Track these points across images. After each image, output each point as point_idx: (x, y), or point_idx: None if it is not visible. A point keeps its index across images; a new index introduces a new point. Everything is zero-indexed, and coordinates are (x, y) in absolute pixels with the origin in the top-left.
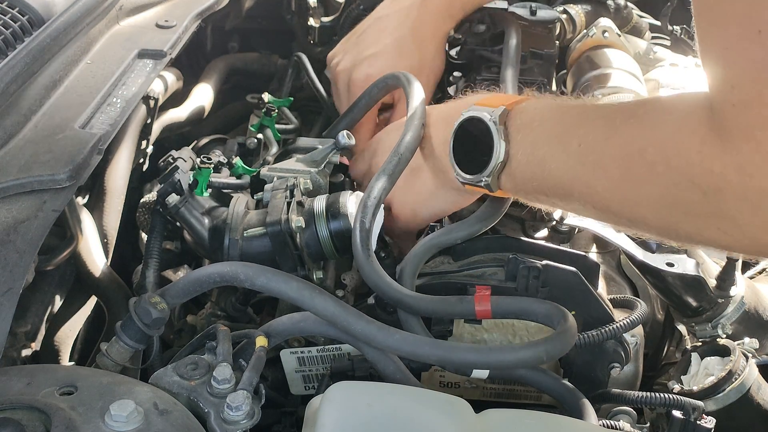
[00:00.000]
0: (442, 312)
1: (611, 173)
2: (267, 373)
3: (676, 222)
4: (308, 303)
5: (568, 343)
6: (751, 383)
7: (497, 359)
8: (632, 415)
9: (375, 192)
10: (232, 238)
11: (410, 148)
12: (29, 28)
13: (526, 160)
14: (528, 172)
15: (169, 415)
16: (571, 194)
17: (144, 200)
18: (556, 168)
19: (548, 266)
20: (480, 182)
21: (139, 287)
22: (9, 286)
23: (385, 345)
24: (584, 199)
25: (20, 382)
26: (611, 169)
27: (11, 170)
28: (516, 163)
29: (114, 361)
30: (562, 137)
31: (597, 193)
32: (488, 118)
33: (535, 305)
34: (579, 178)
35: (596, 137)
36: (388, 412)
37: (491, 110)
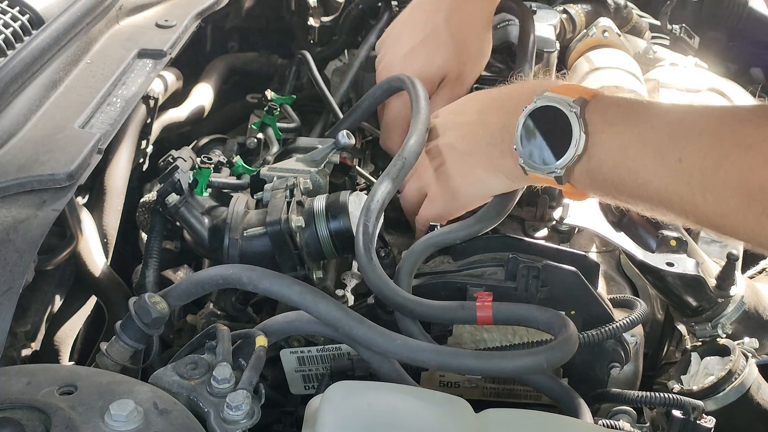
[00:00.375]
0: (444, 317)
1: (729, 202)
2: (267, 372)
3: None
4: (311, 307)
5: (569, 351)
6: (751, 383)
7: (497, 366)
8: (632, 414)
9: (378, 195)
10: (231, 238)
11: (414, 152)
12: (29, 28)
13: (613, 164)
14: (614, 176)
15: (168, 415)
16: (670, 207)
17: (144, 200)
18: (651, 180)
19: (548, 266)
20: (552, 173)
21: (139, 287)
22: (9, 285)
23: (387, 350)
24: (687, 215)
25: (20, 382)
26: (729, 199)
27: (11, 170)
28: (598, 162)
29: (114, 360)
30: (658, 148)
31: (706, 214)
32: (568, 108)
33: (537, 313)
34: (683, 196)
35: (703, 158)
36: (387, 412)
37: (570, 99)
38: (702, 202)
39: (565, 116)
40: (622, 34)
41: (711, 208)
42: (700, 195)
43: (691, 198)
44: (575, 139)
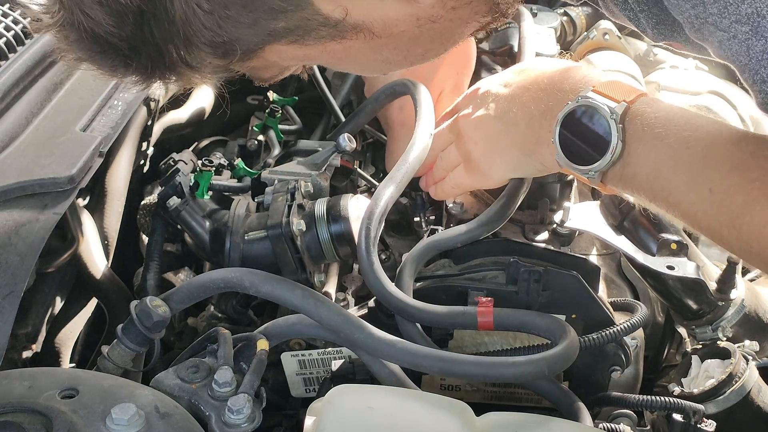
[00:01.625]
0: (445, 322)
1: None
2: (268, 376)
3: None
4: (312, 312)
5: (570, 358)
6: (752, 386)
7: (498, 373)
8: (632, 418)
9: (383, 200)
10: (233, 241)
11: (419, 158)
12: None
13: (646, 178)
14: (647, 188)
15: (170, 419)
16: (699, 230)
17: (145, 202)
18: (682, 203)
19: (549, 270)
20: (585, 174)
21: (140, 290)
22: (11, 289)
23: (388, 355)
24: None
25: (21, 386)
26: (751, 243)
27: (12, 173)
28: (632, 171)
29: (115, 364)
30: (690, 173)
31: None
32: (609, 114)
33: (537, 319)
34: (711, 226)
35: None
36: (388, 416)
37: (612, 105)
38: (728, 236)
39: (604, 120)
40: (623, 37)
41: (737, 244)
42: (727, 230)
43: (718, 230)
44: (612, 146)
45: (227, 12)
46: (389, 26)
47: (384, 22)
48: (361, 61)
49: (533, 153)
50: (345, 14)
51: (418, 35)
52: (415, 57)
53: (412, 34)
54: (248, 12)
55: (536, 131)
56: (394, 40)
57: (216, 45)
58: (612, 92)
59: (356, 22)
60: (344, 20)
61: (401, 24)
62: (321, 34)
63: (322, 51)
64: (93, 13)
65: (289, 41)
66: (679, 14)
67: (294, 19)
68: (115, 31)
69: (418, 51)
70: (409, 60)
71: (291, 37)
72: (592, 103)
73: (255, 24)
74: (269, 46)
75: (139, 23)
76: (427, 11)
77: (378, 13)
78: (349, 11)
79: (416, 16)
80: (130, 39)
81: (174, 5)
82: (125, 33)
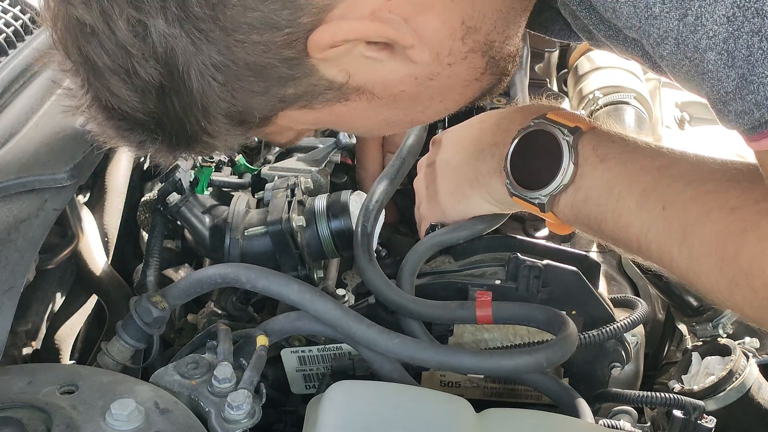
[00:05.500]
0: (443, 317)
1: (702, 262)
2: (268, 372)
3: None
4: (309, 306)
5: (569, 350)
6: (752, 383)
7: (497, 365)
8: (633, 414)
9: (377, 195)
10: (233, 237)
11: (413, 152)
12: (30, 27)
13: (598, 201)
14: (598, 213)
15: (169, 414)
16: (648, 255)
17: (145, 199)
18: (633, 223)
19: (549, 266)
20: (534, 200)
21: (140, 286)
22: (10, 285)
23: (386, 349)
24: (664, 265)
25: (21, 381)
26: (703, 258)
27: (12, 169)
28: (584, 196)
29: (115, 360)
30: (644, 192)
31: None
32: (561, 135)
33: (536, 311)
34: (661, 246)
35: (685, 211)
36: (388, 412)
37: (564, 128)
38: (678, 255)
39: (557, 143)
40: None
41: (686, 264)
42: (677, 248)
43: (669, 249)
44: (563, 167)
45: (240, 83)
46: (389, 87)
47: (384, 83)
48: (364, 121)
49: (483, 186)
50: (348, 77)
51: (417, 94)
52: (415, 115)
53: (412, 93)
54: (260, 81)
55: (488, 162)
56: (395, 99)
57: (232, 115)
58: (566, 118)
59: (358, 85)
60: (347, 83)
61: (400, 84)
62: (327, 97)
63: (330, 113)
64: (119, 91)
65: (299, 106)
66: None
67: (302, 85)
68: (140, 107)
69: (417, 109)
70: (409, 118)
71: (301, 102)
72: (546, 126)
73: (266, 92)
74: (282, 113)
75: (162, 98)
76: (424, 70)
77: (378, 75)
78: (351, 74)
79: (414, 75)
80: (154, 113)
81: (191, 79)
82: (149, 108)
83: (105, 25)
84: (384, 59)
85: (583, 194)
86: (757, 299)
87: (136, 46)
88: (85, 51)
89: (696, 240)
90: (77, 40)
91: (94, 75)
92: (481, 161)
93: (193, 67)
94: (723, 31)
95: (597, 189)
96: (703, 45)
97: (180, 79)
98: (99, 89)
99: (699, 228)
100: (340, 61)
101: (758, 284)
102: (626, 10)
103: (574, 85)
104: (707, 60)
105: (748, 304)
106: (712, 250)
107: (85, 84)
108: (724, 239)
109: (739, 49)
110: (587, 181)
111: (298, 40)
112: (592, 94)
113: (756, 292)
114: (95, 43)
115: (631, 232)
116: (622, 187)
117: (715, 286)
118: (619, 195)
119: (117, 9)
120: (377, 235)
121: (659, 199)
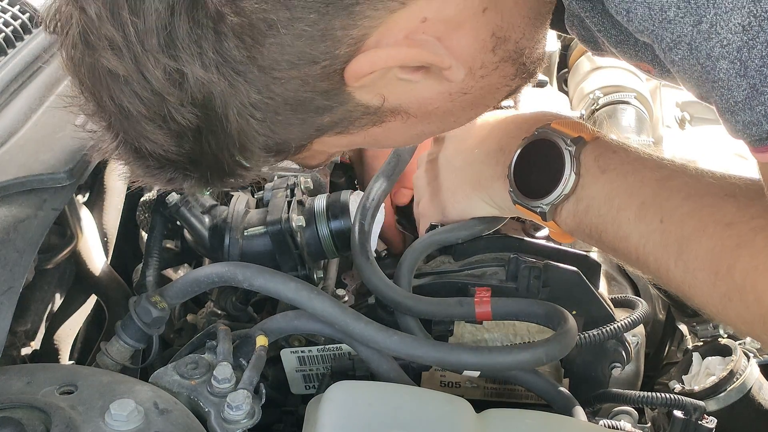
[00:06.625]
0: (442, 314)
1: (697, 275)
2: (267, 372)
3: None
4: (306, 304)
5: (568, 345)
6: (753, 383)
7: (495, 361)
8: (633, 414)
9: (374, 194)
10: (232, 237)
11: (410, 150)
12: (29, 27)
13: (598, 211)
14: (599, 224)
15: (169, 415)
16: (646, 268)
17: (144, 199)
18: (631, 235)
19: (549, 266)
20: (536, 208)
21: (139, 286)
22: (9, 285)
23: (384, 346)
24: (661, 279)
25: (20, 381)
26: (697, 272)
27: (11, 169)
28: (585, 206)
29: (114, 360)
30: (643, 204)
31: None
32: (564, 145)
33: (535, 307)
34: (658, 258)
35: (682, 225)
36: (388, 412)
37: (567, 138)
38: (674, 269)
39: (560, 153)
40: None
41: (681, 277)
42: (674, 261)
43: (665, 262)
44: (565, 177)
45: (278, 117)
46: (424, 105)
47: (419, 103)
48: (398, 138)
49: (485, 189)
50: (383, 101)
51: (451, 108)
52: (447, 125)
53: (446, 108)
54: (297, 114)
55: (492, 167)
56: (429, 116)
57: (269, 147)
58: (570, 128)
59: (393, 107)
60: (382, 106)
61: (435, 101)
62: (363, 122)
63: (365, 136)
64: (153, 136)
65: (335, 132)
66: None
67: (338, 113)
68: (176, 150)
69: (450, 120)
70: (441, 129)
71: (337, 128)
72: (550, 136)
73: (303, 123)
74: (317, 140)
75: (198, 139)
76: (458, 86)
77: (412, 94)
78: (386, 98)
79: (448, 92)
80: (189, 154)
81: (229, 119)
82: (185, 150)
83: (139, 75)
84: (418, 80)
85: (585, 204)
86: (749, 314)
87: (173, 94)
88: (118, 100)
89: (691, 254)
90: (108, 90)
91: (126, 122)
92: (485, 165)
93: (231, 108)
94: (737, 40)
95: (598, 200)
96: (716, 53)
97: (218, 121)
98: (132, 135)
99: (695, 242)
100: (375, 86)
101: (750, 299)
102: (640, 12)
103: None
104: (719, 68)
105: (741, 318)
106: (707, 264)
107: (113, 128)
108: (718, 254)
109: (753, 59)
110: (588, 191)
111: (335, 72)
112: (592, 93)
113: (748, 307)
114: (128, 92)
115: (630, 243)
116: (622, 199)
117: (709, 300)
118: (619, 206)
119: (152, 59)
120: (376, 233)
121: (657, 212)
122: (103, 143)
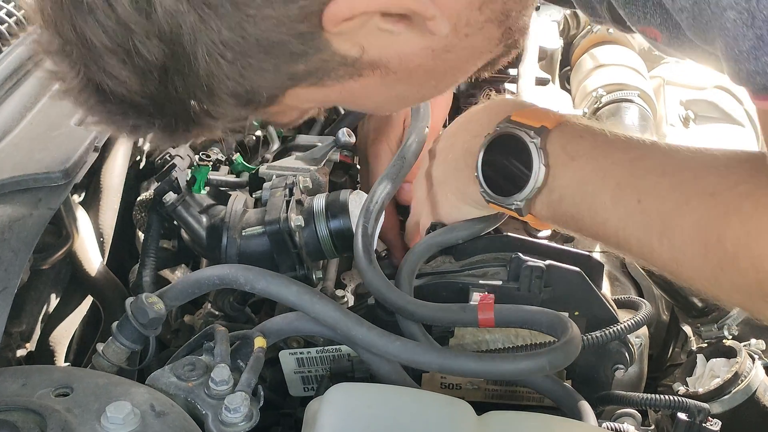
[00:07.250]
0: (444, 320)
1: (685, 251)
2: (266, 374)
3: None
4: (309, 308)
5: (572, 354)
6: (758, 385)
7: (499, 369)
8: (636, 417)
9: (377, 196)
10: (230, 237)
11: (414, 152)
12: (25, 24)
13: (573, 199)
14: (575, 212)
15: (166, 417)
16: (628, 250)
17: (141, 198)
18: (609, 219)
19: (552, 266)
20: (510, 205)
21: (136, 286)
22: (4, 285)
23: (386, 352)
24: (645, 259)
25: (15, 383)
26: (685, 247)
27: (6, 168)
28: (558, 196)
29: (110, 361)
30: (618, 186)
31: (662, 260)
32: (528, 138)
33: (539, 315)
34: (640, 239)
35: (663, 202)
36: (388, 414)
37: (530, 129)
38: (659, 247)
39: (525, 146)
40: None
41: (668, 254)
42: (657, 239)
43: (648, 241)
44: (535, 171)
45: (249, 60)
46: (405, 61)
47: (399, 57)
48: (376, 98)
49: (466, 195)
50: (362, 52)
51: (433, 67)
52: (427, 90)
53: (427, 67)
54: (269, 58)
55: (464, 171)
56: (409, 74)
57: (238, 95)
58: (531, 118)
59: (373, 59)
60: (361, 58)
61: (416, 58)
62: (339, 73)
63: (341, 90)
64: (117, 72)
65: (309, 84)
66: None
67: (314, 62)
68: (139, 89)
69: (431, 84)
70: (421, 93)
71: (311, 79)
72: (511, 130)
73: (276, 70)
74: (290, 91)
75: (164, 80)
76: (441, 42)
77: (393, 48)
78: (365, 49)
79: (431, 48)
80: (154, 96)
81: (198, 58)
82: (149, 90)
83: (104, 2)
84: (400, 31)
85: (558, 194)
86: (745, 281)
87: (139, 24)
88: (80, 29)
89: (676, 229)
90: (71, 18)
91: (89, 55)
92: (459, 170)
93: (200, 46)
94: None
95: (571, 188)
96: (724, 2)
97: (185, 59)
98: (94, 71)
99: (678, 217)
100: (355, 35)
101: (745, 266)
102: None
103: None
104: (726, 17)
105: (736, 287)
106: (694, 237)
107: (77, 65)
108: (705, 225)
109: (761, 9)
110: (560, 181)
111: (313, 14)
112: (595, 91)
113: (743, 275)
114: (92, 22)
115: (608, 228)
116: (595, 184)
117: (700, 273)
118: (594, 192)
119: None
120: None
121: (633, 192)
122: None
